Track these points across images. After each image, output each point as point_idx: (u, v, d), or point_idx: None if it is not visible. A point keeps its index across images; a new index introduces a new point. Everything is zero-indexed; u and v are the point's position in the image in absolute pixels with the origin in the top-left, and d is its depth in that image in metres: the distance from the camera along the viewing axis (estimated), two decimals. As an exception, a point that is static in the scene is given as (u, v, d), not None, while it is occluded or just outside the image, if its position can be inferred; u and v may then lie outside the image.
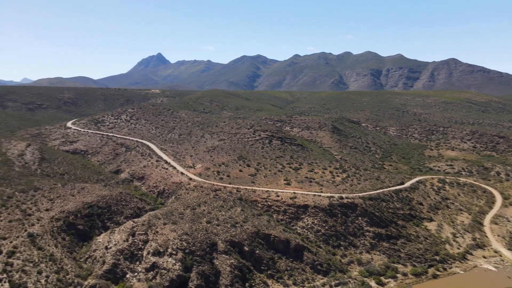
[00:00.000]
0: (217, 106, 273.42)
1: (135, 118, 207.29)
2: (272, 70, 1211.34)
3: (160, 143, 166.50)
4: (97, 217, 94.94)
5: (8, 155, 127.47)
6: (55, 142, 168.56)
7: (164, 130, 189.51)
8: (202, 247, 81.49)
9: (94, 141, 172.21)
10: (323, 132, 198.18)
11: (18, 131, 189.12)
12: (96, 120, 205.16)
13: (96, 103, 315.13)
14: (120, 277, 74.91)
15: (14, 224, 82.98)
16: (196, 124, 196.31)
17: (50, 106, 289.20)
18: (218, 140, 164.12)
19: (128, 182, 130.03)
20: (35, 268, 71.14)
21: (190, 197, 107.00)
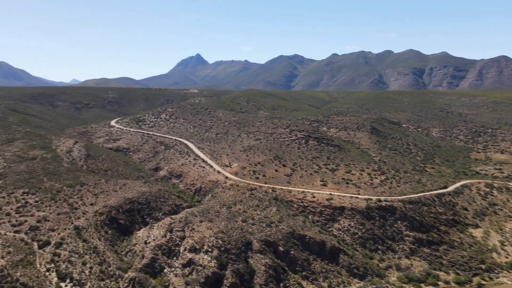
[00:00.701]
0: (253, 106, 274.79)
1: (174, 117, 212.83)
2: (309, 70, 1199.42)
3: (197, 142, 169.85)
4: (137, 212, 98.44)
5: (57, 151, 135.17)
6: (99, 140, 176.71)
7: (201, 129, 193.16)
8: (237, 245, 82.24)
9: (136, 139, 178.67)
10: (361, 133, 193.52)
11: (67, 129, 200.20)
12: (137, 119, 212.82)
13: (138, 103, 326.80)
14: (158, 271, 77.24)
15: (62, 217, 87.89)
16: (232, 123, 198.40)
17: (95, 106, 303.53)
18: (254, 140, 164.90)
19: (167, 179, 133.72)
20: (80, 259, 74.98)
21: (226, 196, 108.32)
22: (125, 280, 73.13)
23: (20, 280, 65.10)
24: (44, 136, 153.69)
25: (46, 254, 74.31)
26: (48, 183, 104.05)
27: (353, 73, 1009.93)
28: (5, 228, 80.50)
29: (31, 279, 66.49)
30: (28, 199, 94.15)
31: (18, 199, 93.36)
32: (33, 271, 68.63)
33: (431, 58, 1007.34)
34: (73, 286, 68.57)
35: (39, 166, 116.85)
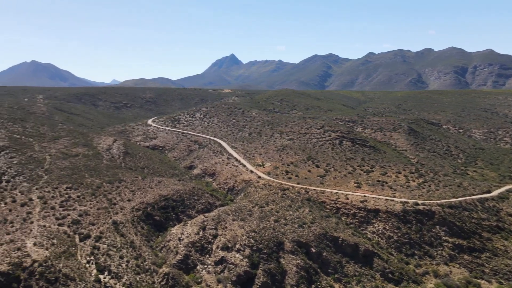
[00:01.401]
0: (287, 106, 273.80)
1: (208, 117, 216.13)
2: (344, 69, 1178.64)
3: (231, 141, 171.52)
4: (171, 209, 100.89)
5: (98, 149, 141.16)
6: (137, 138, 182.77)
7: (235, 129, 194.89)
8: (269, 245, 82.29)
9: (171, 138, 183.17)
10: (398, 133, 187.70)
11: (107, 128, 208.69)
12: (173, 118, 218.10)
13: (174, 102, 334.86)
14: (191, 268, 78.78)
15: (101, 212, 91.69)
16: (266, 123, 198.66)
17: (134, 105, 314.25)
18: (288, 140, 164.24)
19: (200, 177, 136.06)
20: (118, 253, 77.89)
21: (258, 195, 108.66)
22: (159, 274, 75.19)
23: (62, 271, 68.54)
24: (86, 134, 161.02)
25: (87, 247, 77.77)
26: (89, 179, 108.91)
27: (390, 72, 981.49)
28: (49, 221, 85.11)
29: (73, 270, 69.83)
30: (71, 194, 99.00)
31: (62, 194, 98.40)
32: (75, 263, 72.03)
33: (474, 56, 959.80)
34: (111, 279, 71.33)
35: (81, 162, 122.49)
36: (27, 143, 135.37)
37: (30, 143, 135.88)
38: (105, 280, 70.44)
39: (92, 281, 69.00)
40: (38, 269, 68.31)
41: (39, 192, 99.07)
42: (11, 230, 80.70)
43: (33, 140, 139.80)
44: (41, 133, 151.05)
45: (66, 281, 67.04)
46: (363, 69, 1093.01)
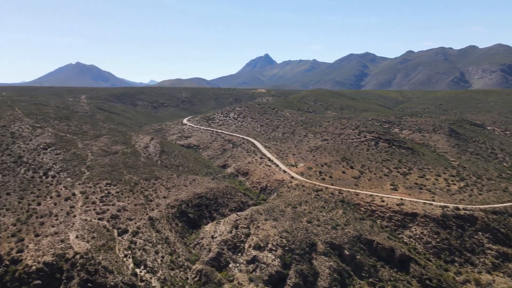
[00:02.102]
0: (321, 106, 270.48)
1: (242, 116, 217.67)
2: (381, 68, 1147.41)
3: (264, 141, 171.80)
4: (205, 207, 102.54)
5: (136, 147, 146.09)
6: (172, 137, 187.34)
7: (268, 128, 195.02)
8: (301, 246, 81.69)
9: (205, 137, 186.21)
10: (438, 135, 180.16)
11: (145, 126, 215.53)
12: (207, 118, 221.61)
13: (208, 102, 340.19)
14: (224, 266, 79.68)
15: (138, 208, 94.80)
16: (299, 123, 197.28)
17: (170, 105, 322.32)
18: (321, 140, 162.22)
19: (234, 176, 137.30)
20: (153, 248, 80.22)
21: (291, 196, 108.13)
22: (193, 271, 76.66)
23: (102, 263, 71.51)
24: (125, 132, 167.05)
25: (124, 241, 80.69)
26: (127, 176, 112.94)
27: (430, 71, 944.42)
28: (91, 215, 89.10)
29: (111, 263, 72.68)
30: (110, 189, 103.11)
31: (102, 189, 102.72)
32: (113, 256, 74.93)
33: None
34: (147, 273, 73.58)
35: (120, 160, 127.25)
36: (71, 140, 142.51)
37: (74, 140, 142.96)
38: (141, 274, 72.79)
39: (129, 274, 71.51)
40: (79, 261, 71.71)
41: (81, 187, 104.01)
42: (55, 222, 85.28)
43: (77, 138, 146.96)
44: (84, 131, 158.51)
45: (105, 273, 69.91)
46: (401, 68, 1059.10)
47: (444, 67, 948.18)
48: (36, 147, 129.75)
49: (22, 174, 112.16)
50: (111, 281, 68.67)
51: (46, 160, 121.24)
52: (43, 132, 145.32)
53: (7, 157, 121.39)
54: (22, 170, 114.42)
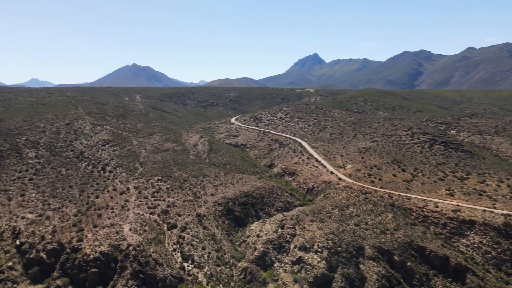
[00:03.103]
0: (371, 106, 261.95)
1: (289, 116, 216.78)
2: (438, 67, 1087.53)
3: (311, 141, 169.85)
4: (251, 206, 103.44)
5: (186, 145, 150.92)
6: (220, 136, 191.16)
7: (316, 129, 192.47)
8: (348, 249, 79.74)
9: (252, 136, 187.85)
10: (501, 138, 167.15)
11: (194, 125, 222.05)
12: (255, 117, 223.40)
13: (256, 102, 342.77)
14: (268, 265, 79.89)
15: (187, 204, 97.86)
16: (348, 123, 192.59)
17: (219, 104, 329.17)
18: (371, 142, 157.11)
19: (280, 176, 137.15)
20: (201, 244, 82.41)
21: (338, 197, 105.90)
22: (238, 268, 77.69)
23: (152, 256, 74.74)
24: (176, 130, 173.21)
25: (173, 236, 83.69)
26: (177, 173, 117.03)
27: (494, 69, 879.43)
28: (143, 209, 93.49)
29: (161, 256, 75.72)
30: (161, 185, 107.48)
31: (153, 185, 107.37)
32: (163, 250, 78.02)
33: None
34: (194, 268, 75.75)
35: (170, 157, 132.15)
36: (127, 138, 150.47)
37: (129, 138, 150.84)
38: (188, 268, 75.11)
39: (177, 268, 74.08)
40: (132, 252, 75.55)
41: (135, 182, 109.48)
42: (111, 215, 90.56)
43: (132, 135, 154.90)
44: (138, 129, 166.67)
45: (155, 265, 73.01)
46: (460, 66, 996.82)
47: (510, 65, 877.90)
48: (95, 144, 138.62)
49: (83, 168, 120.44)
50: (161, 273, 71.57)
51: (104, 156, 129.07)
52: (102, 129, 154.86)
53: (70, 152, 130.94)
54: (83, 165, 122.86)
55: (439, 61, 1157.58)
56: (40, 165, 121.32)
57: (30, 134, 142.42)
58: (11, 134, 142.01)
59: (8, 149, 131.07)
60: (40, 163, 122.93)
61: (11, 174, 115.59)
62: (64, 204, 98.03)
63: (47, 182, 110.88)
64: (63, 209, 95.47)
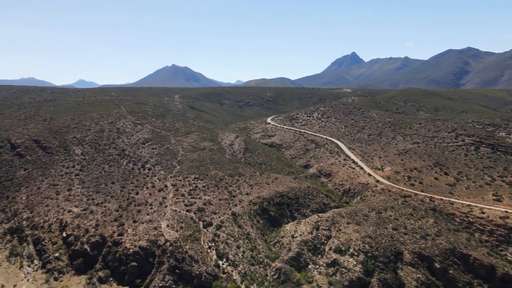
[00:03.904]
0: (412, 106, 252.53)
1: (326, 116, 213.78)
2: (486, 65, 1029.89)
3: (348, 142, 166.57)
4: (286, 206, 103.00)
5: (222, 144, 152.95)
6: (256, 135, 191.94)
7: (353, 129, 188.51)
8: (385, 253, 77.40)
9: (288, 136, 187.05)
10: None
11: (230, 125, 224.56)
12: (291, 117, 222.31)
13: (292, 102, 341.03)
14: (303, 266, 79.20)
15: (222, 203, 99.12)
16: (387, 124, 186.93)
17: (255, 104, 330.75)
18: (411, 143, 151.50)
19: (316, 177, 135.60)
20: (235, 243, 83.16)
21: (376, 200, 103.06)
22: (272, 268, 77.65)
23: (188, 252, 76.42)
24: (212, 130, 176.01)
25: (209, 233, 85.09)
26: (213, 171, 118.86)
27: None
28: (180, 206, 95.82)
29: (197, 253, 77.22)
30: (197, 183, 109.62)
31: (190, 183, 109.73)
32: (198, 247, 79.55)
33: None
34: (228, 266, 76.60)
35: (207, 156, 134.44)
36: (165, 136, 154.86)
37: (167, 136, 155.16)
38: (223, 266, 76.06)
39: (212, 265, 75.25)
40: (169, 248, 77.66)
41: (172, 180, 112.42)
42: (150, 211, 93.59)
43: (170, 134, 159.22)
44: (176, 128, 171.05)
45: (191, 262, 74.58)
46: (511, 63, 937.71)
47: None
48: (136, 142, 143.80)
49: (124, 165, 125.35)
50: (196, 270, 73.01)
51: (144, 154, 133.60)
52: (142, 128, 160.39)
53: (113, 150, 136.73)
54: (124, 162, 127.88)
55: (487, 59, 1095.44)
56: (85, 162, 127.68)
57: (77, 132, 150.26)
58: (60, 132, 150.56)
59: (57, 146, 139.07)
60: (85, 159, 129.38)
61: (59, 169, 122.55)
62: (107, 199, 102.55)
63: (91, 178, 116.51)
64: (106, 204, 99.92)
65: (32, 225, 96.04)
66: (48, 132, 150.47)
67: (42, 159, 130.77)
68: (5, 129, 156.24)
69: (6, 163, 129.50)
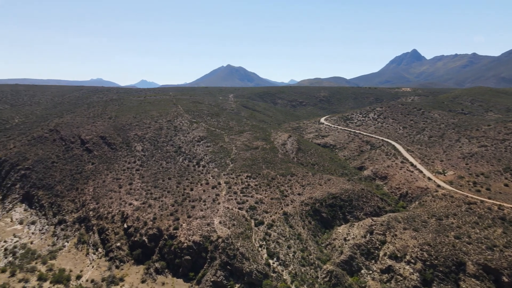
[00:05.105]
0: (480, 107, 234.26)
1: (383, 117, 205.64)
2: None
3: (406, 144, 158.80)
4: (339, 208, 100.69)
5: (274, 143, 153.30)
6: (309, 135, 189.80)
7: (412, 131, 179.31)
8: (446, 263, 72.68)
9: (342, 137, 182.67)
10: None
11: (283, 124, 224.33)
12: (345, 117, 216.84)
13: (347, 101, 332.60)
14: (355, 270, 76.93)
15: (274, 202, 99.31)
16: (450, 126, 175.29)
17: (308, 103, 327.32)
18: (478, 146, 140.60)
19: (370, 179, 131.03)
20: (286, 243, 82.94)
21: (436, 206, 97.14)
22: (323, 271, 76.34)
23: (239, 250, 77.60)
24: (265, 129, 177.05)
25: (260, 232, 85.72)
26: (265, 170, 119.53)
27: None
28: (232, 204, 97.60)
29: (248, 250, 78.17)
30: (250, 182, 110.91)
31: (243, 181, 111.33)
32: (250, 245, 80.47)
33: None
34: (279, 265, 76.61)
35: (259, 155, 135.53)
36: (220, 135, 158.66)
37: (221, 135, 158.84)
38: (273, 266, 76.22)
39: (262, 264, 75.73)
40: (221, 244, 79.45)
41: (225, 177, 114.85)
42: (203, 207, 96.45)
43: (224, 132, 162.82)
44: (230, 127, 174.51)
45: (242, 259, 75.66)
46: None
47: None
48: (191, 140, 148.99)
49: (180, 162, 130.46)
50: (247, 267, 73.92)
51: (199, 151, 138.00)
52: (198, 126, 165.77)
53: (170, 147, 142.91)
54: (180, 159, 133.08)
55: None
56: (145, 158, 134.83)
57: (138, 130, 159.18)
58: (123, 129, 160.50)
59: (120, 142, 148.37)
60: (145, 155, 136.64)
61: (122, 164, 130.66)
62: (164, 194, 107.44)
63: (150, 173, 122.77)
64: (163, 198, 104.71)
65: (98, 216, 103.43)
66: (113, 129, 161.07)
67: (107, 154, 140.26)
68: (76, 126, 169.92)
69: (76, 157, 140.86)
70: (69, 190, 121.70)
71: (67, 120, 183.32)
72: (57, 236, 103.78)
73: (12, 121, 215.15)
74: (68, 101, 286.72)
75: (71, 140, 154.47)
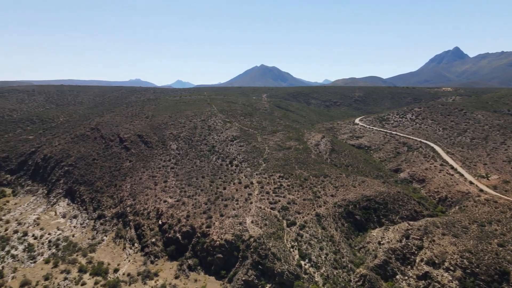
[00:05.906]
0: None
1: (421, 118, 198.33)
2: None
3: (446, 146, 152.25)
4: (373, 211, 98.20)
5: (307, 144, 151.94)
6: (343, 136, 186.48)
7: (452, 132, 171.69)
8: (488, 272, 69.01)
9: (378, 138, 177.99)
10: None
11: (316, 124, 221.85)
12: (381, 118, 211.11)
13: (383, 102, 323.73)
14: (390, 275, 74.75)
15: (307, 203, 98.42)
16: (495, 127, 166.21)
17: (342, 104, 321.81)
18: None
19: (407, 182, 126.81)
20: (318, 244, 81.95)
21: (478, 211, 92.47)
22: (356, 274, 74.77)
23: (271, 250, 77.56)
24: (298, 129, 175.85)
25: (292, 232, 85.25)
26: (298, 171, 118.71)
27: None
28: (264, 203, 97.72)
29: (279, 251, 77.98)
30: (282, 182, 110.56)
31: (275, 181, 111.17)
32: (281, 245, 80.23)
33: None
34: (310, 267, 75.83)
35: (292, 155, 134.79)
36: (253, 134, 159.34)
37: (254, 135, 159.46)
38: (305, 267, 75.55)
39: (294, 264, 75.27)
40: (253, 244, 79.75)
41: (258, 177, 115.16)
42: (236, 206, 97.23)
43: (257, 132, 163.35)
44: (263, 126, 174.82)
45: (274, 259, 75.57)
46: None
47: None
48: (225, 139, 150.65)
49: (213, 161, 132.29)
50: (278, 267, 73.75)
51: (232, 151, 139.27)
52: (231, 126, 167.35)
53: (204, 146, 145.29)
54: (214, 158, 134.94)
55: None
56: (180, 156, 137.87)
57: (173, 129, 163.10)
58: (159, 128, 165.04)
59: (156, 141, 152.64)
60: (179, 154, 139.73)
61: (157, 162, 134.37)
62: (197, 192, 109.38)
63: (184, 171, 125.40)
64: (196, 196, 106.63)
65: (134, 212, 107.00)
66: (149, 128, 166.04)
67: (144, 152, 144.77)
68: (116, 124, 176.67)
69: (115, 155, 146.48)
70: (108, 186, 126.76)
71: (107, 119, 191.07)
72: (96, 230, 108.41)
73: (57, 120, 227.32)
74: (108, 101, 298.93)
75: (110, 138, 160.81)
